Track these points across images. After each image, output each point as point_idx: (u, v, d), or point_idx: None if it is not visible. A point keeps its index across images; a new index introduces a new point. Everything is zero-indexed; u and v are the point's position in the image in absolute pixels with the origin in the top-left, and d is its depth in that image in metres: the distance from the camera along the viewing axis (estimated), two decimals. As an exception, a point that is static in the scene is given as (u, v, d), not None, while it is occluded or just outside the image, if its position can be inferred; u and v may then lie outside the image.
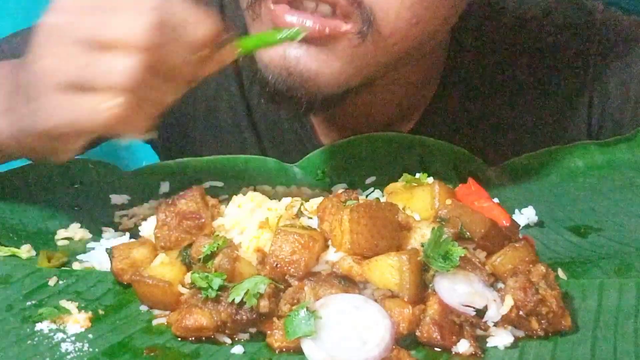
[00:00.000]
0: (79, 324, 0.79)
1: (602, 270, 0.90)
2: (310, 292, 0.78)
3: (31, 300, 0.83)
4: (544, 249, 0.95)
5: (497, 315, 0.78)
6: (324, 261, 0.81)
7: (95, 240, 0.96)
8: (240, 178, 1.09)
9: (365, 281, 0.79)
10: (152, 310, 0.82)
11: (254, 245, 0.83)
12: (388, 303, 0.78)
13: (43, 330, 0.78)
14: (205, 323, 0.77)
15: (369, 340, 0.75)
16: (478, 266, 0.81)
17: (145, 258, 0.85)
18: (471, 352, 0.76)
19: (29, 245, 0.93)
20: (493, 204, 0.93)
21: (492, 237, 0.84)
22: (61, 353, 0.76)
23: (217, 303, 0.78)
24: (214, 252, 0.80)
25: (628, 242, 0.97)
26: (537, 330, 0.79)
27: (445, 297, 0.78)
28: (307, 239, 0.80)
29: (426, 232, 0.81)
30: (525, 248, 0.83)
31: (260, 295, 0.77)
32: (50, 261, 0.90)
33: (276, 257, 0.80)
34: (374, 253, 0.79)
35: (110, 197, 1.06)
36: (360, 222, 0.80)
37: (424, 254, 0.79)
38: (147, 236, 0.90)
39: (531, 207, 1.02)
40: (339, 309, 0.77)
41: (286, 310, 0.78)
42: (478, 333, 0.79)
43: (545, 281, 0.81)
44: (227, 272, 0.79)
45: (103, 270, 0.89)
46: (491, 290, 0.80)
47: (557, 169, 1.14)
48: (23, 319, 0.80)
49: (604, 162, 1.14)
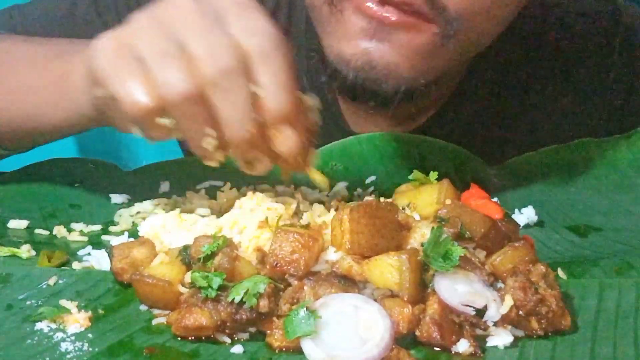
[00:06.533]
0: (79, 323, 0.79)
1: (602, 270, 0.90)
2: (310, 291, 0.78)
3: (31, 300, 0.83)
4: (544, 248, 0.95)
5: (496, 314, 0.78)
6: (324, 261, 0.81)
7: (95, 240, 0.96)
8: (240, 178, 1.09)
9: (365, 281, 0.79)
10: (152, 309, 0.82)
11: (253, 244, 0.84)
12: (388, 303, 0.78)
13: (43, 330, 0.78)
14: (205, 322, 0.77)
15: (368, 340, 0.75)
16: (478, 266, 0.81)
17: (145, 257, 0.85)
18: (471, 352, 0.76)
19: (29, 245, 0.93)
20: (487, 200, 0.93)
21: (492, 237, 0.84)
22: (61, 352, 0.76)
23: (217, 302, 0.78)
24: (213, 252, 0.80)
25: (628, 242, 0.97)
26: (537, 330, 0.79)
27: (445, 297, 0.78)
28: (307, 238, 0.80)
29: (426, 232, 0.81)
30: (525, 248, 0.83)
31: (260, 294, 0.77)
32: (50, 261, 0.90)
33: (276, 256, 0.80)
34: (373, 253, 0.79)
35: (110, 196, 1.06)
36: (361, 221, 0.80)
37: (423, 253, 0.79)
38: (147, 236, 0.90)
39: (531, 207, 1.03)
40: (338, 308, 0.77)
41: (286, 310, 0.78)
42: (478, 333, 0.79)
43: (545, 281, 0.81)
44: (227, 272, 0.79)
45: (103, 269, 0.89)
46: (491, 290, 0.80)
47: (557, 169, 1.14)
48: (23, 319, 0.80)
49: (604, 161, 1.14)
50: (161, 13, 0.82)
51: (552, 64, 1.24)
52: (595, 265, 0.91)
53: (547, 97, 1.24)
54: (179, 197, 1.05)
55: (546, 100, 1.24)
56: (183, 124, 0.81)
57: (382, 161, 1.13)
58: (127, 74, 0.80)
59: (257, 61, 0.79)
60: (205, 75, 0.79)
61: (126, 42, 0.82)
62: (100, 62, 0.82)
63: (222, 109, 0.80)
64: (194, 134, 0.82)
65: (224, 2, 0.81)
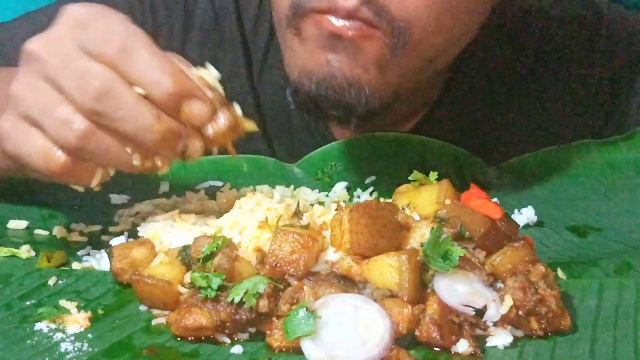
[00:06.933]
0: (79, 323, 0.79)
1: (601, 270, 0.90)
2: (309, 291, 0.78)
3: (30, 300, 0.83)
4: (544, 248, 0.95)
5: (496, 315, 0.78)
6: (324, 261, 0.81)
7: (95, 241, 0.96)
8: (240, 178, 1.09)
9: (365, 281, 0.79)
10: (152, 309, 0.82)
11: (253, 244, 0.84)
12: (387, 303, 0.78)
13: (42, 330, 0.78)
14: (205, 323, 0.77)
15: (368, 340, 0.75)
16: (477, 266, 0.81)
17: (145, 258, 0.85)
18: (470, 352, 0.76)
19: (29, 246, 0.93)
20: (486, 200, 0.93)
21: (492, 237, 0.84)
22: (60, 353, 0.75)
23: (217, 303, 0.78)
24: (213, 252, 0.80)
25: (628, 242, 0.97)
26: (537, 330, 0.79)
27: (444, 297, 0.78)
28: (307, 238, 0.80)
29: (426, 232, 0.81)
30: (524, 248, 0.83)
31: (260, 295, 0.77)
32: (50, 261, 0.90)
33: (275, 256, 0.80)
34: (373, 253, 0.79)
35: (110, 197, 1.06)
36: (360, 222, 0.80)
37: (423, 253, 0.79)
38: (146, 236, 0.90)
39: (531, 207, 1.02)
40: (338, 308, 0.77)
41: (285, 310, 0.78)
42: (477, 333, 0.79)
43: (545, 281, 0.81)
44: (227, 272, 0.79)
45: (102, 270, 0.89)
46: (491, 290, 0.80)
47: (557, 169, 1.14)
48: (22, 319, 0.80)
49: (604, 161, 1.14)
50: (32, 62, 0.81)
51: (535, 70, 1.24)
52: (595, 265, 0.91)
53: (530, 101, 1.25)
54: (178, 198, 1.05)
55: (530, 104, 1.25)
56: (101, 159, 0.81)
57: (382, 161, 1.13)
58: (26, 140, 0.81)
59: (122, 63, 0.79)
60: (85, 107, 0.78)
61: (14, 106, 0.82)
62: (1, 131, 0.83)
63: (121, 127, 0.79)
64: (118, 161, 0.82)
65: (73, 27, 0.81)
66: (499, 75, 1.24)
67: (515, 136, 1.25)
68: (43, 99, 0.80)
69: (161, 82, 0.79)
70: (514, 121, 1.25)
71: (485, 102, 1.24)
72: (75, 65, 0.79)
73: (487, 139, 1.24)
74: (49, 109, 0.79)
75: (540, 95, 1.24)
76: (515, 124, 1.25)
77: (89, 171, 0.83)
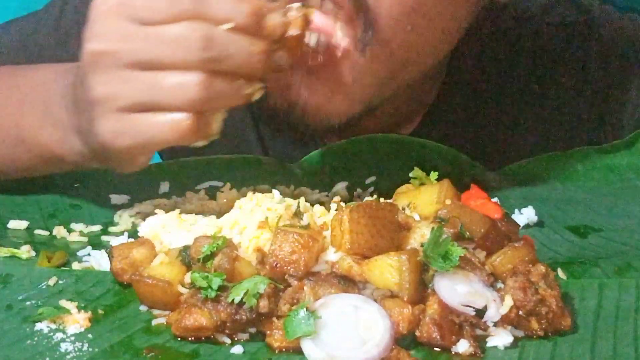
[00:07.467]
0: (79, 323, 0.79)
1: (601, 270, 0.90)
2: (309, 292, 0.78)
3: (31, 300, 0.83)
4: (544, 249, 0.95)
5: (496, 315, 0.78)
6: (324, 261, 0.81)
7: (95, 241, 0.96)
8: (240, 178, 1.09)
9: (365, 281, 0.79)
10: (152, 310, 0.82)
11: (253, 245, 0.83)
12: (388, 303, 0.78)
13: (43, 330, 0.78)
14: (205, 323, 0.77)
15: (368, 340, 0.75)
16: (478, 266, 0.81)
17: (145, 258, 0.85)
18: (471, 352, 0.76)
19: (29, 246, 0.93)
20: (486, 200, 0.93)
21: (492, 237, 0.84)
22: (61, 353, 0.75)
23: (217, 303, 0.78)
24: (213, 252, 0.80)
25: (628, 242, 0.97)
26: (537, 330, 0.79)
27: (444, 297, 0.78)
28: (307, 238, 0.80)
29: (426, 232, 0.81)
30: (525, 248, 0.83)
31: (260, 295, 0.77)
32: (50, 261, 0.90)
33: (276, 256, 0.80)
34: (373, 253, 0.79)
35: (110, 197, 1.06)
36: (360, 222, 0.80)
37: (423, 253, 0.79)
38: (146, 236, 0.90)
39: (531, 207, 1.02)
40: (338, 308, 0.77)
41: (286, 310, 0.78)
42: (478, 333, 0.78)
43: (545, 281, 0.81)
44: (227, 272, 0.79)
45: (102, 270, 0.89)
46: (491, 290, 0.80)
47: (557, 174, 1.14)
48: (23, 319, 0.80)
49: (604, 165, 1.14)
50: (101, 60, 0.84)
51: (529, 75, 1.24)
52: (595, 265, 0.91)
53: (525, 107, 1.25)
54: (178, 198, 1.05)
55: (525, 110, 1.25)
56: (220, 102, 0.85)
57: (382, 161, 1.13)
58: (146, 124, 0.84)
59: (198, 10, 0.82)
60: (196, 62, 0.81)
61: (107, 107, 0.84)
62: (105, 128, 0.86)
63: (232, 63, 0.82)
64: (236, 97, 0.85)
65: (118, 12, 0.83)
66: (493, 81, 1.24)
67: (511, 141, 1.25)
68: (139, 82, 0.83)
69: (239, 8, 0.82)
70: (509, 126, 1.25)
71: (479, 108, 1.24)
72: (160, 34, 0.81)
73: (483, 144, 1.24)
74: (154, 85, 0.82)
75: (535, 100, 1.25)
76: (511, 129, 1.25)
77: (210, 123, 0.86)
